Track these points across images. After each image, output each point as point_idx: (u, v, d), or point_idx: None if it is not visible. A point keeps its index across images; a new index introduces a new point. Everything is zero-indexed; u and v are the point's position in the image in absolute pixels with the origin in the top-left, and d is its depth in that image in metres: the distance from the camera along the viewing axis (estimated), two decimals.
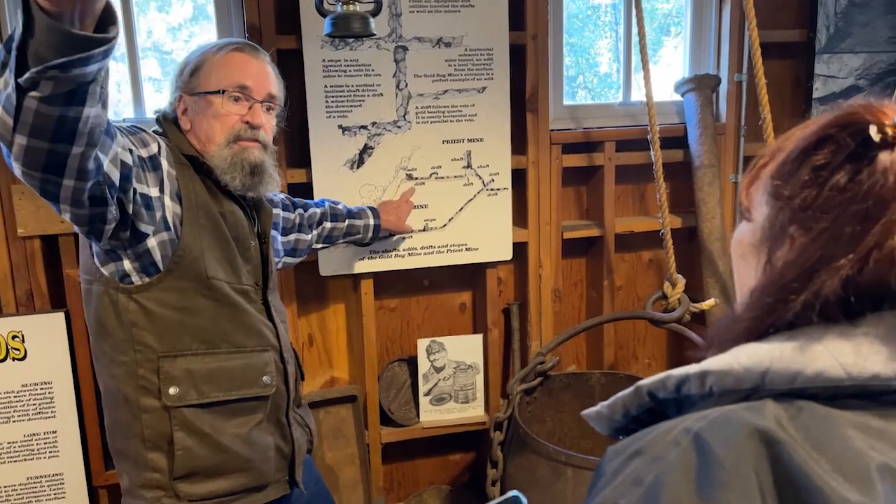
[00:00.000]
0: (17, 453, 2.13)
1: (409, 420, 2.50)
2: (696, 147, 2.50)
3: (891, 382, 0.53)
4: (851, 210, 0.57)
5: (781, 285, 0.60)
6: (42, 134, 1.05)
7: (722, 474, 0.49)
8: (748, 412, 0.54)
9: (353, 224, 2.07)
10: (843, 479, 0.48)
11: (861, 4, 2.59)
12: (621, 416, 0.65)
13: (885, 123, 0.58)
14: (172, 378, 1.42)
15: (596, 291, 2.66)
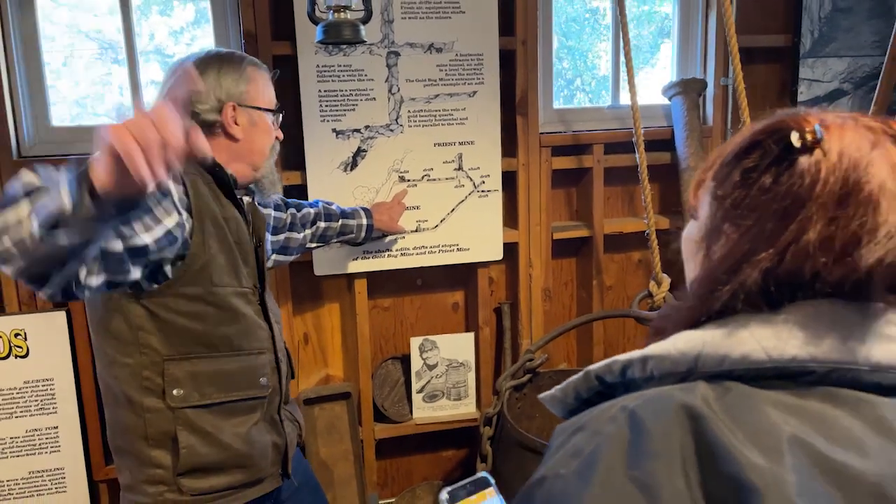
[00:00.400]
0: (20, 448, 2.19)
1: (403, 417, 2.56)
2: (682, 150, 2.55)
3: (807, 364, 0.59)
4: (773, 208, 0.63)
5: (713, 277, 0.66)
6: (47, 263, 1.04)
7: (651, 445, 0.55)
8: (679, 391, 0.59)
9: (347, 224, 2.13)
10: (755, 448, 0.53)
11: (845, 10, 2.64)
12: (573, 399, 0.70)
13: (805, 130, 0.64)
14: (177, 380, 1.47)
15: (586, 291, 2.72)
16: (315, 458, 2.45)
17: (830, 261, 0.60)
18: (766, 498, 0.50)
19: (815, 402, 0.58)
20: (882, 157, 0.62)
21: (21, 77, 2.15)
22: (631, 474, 0.54)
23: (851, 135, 0.64)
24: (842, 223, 0.60)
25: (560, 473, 0.57)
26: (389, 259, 2.39)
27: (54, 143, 2.21)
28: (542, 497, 0.58)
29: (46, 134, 2.21)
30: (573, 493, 0.55)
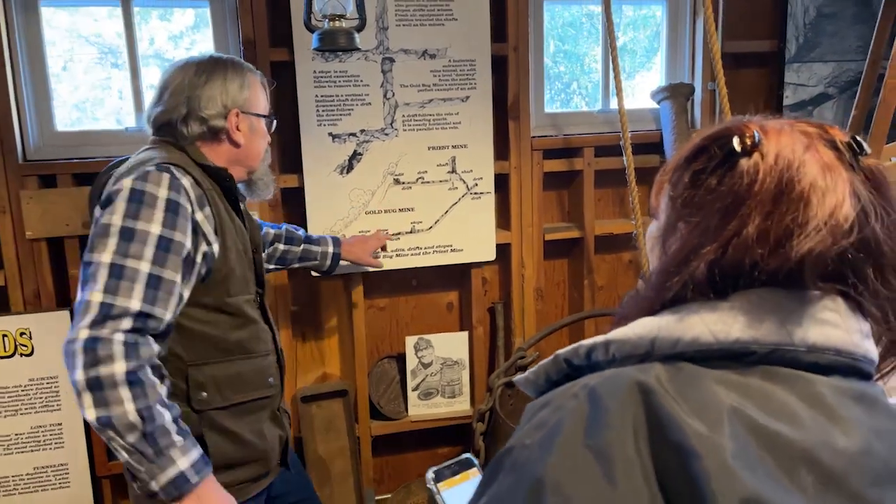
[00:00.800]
0: (25, 444, 2.25)
1: (398, 414, 2.62)
2: (670, 152, 2.62)
3: (749, 345, 0.65)
4: (717, 206, 0.70)
5: (667, 270, 0.72)
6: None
7: (607, 418, 0.61)
8: (635, 371, 0.65)
9: (309, 249, 2.12)
10: (698, 419, 0.59)
11: (829, 15, 2.71)
12: (544, 381, 0.76)
13: (745, 135, 0.70)
14: (201, 384, 1.52)
15: (577, 291, 2.78)
16: (313, 454, 2.51)
17: (766, 252, 0.66)
18: (704, 459, 0.56)
19: (756, 380, 0.64)
20: (813, 158, 0.69)
21: (26, 82, 2.22)
22: (587, 443, 0.60)
23: (787, 139, 0.71)
24: (776, 218, 0.66)
25: (525, 443, 0.63)
26: (385, 260, 2.45)
27: (59, 148, 2.27)
28: (509, 464, 0.64)
29: (51, 138, 2.28)
30: (536, 459, 0.61)
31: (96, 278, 1.33)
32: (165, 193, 1.40)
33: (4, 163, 2.16)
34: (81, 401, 1.30)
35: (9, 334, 2.21)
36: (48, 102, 2.27)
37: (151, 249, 1.36)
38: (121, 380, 1.30)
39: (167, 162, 1.47)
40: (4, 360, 2.21)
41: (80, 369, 1.29)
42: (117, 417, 1.29)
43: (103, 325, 1.30)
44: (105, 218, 1.37)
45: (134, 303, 1.33)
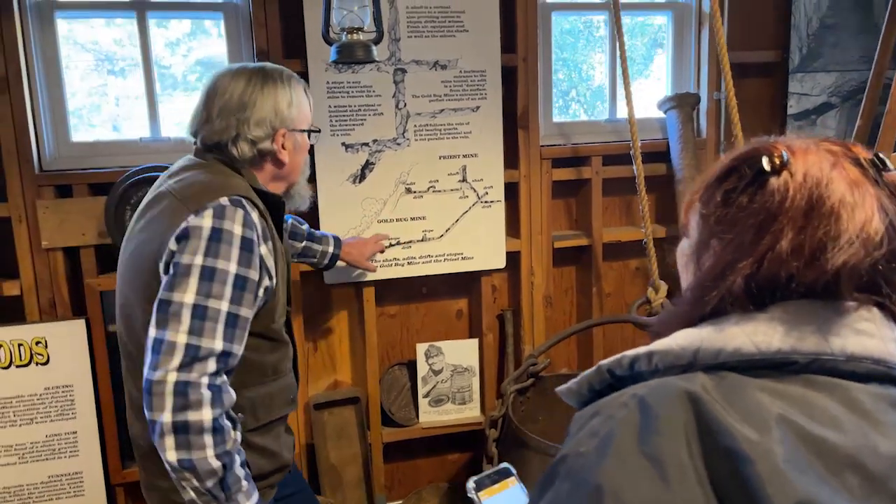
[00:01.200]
0: (40, 453, 2.26)
1: (409, 421, 2.64)
2: (677, 161, 2.65)
3: (789, 355, 0.68)
4: (749, 223, 0.73)
5: (703, 285, 0.76)
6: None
7: (658, 425, 0.64)
8: (681, 380, 0.68)
9: (310, 247, 2.14)
10: (747, 425, 0.62)
11: (832, 26, 2.75)
12: (587, 391, 0.79)
13: (773, 155, 0.74)
14: (240, 407, 1.51)
15: (585, 298, 2.81)
16: (325, 461, 2.53)
17: (802, 265, 0.70)
18: (756, 464, 0.59)
19: (798, 388, 0.67)
20: (840, 176, 0.72)
21: (42, 93, 2.24)
22: (642, 449, 0.62)
23: (814, 157, 0.74)
24: (809, 232, 0.70)
25: (580, 451, 0.66)
26: (397, 268, 2.48)
27: (75, 158, 2.29)
28: (565, 471, 0.66)
29: (67, 149, 2.30)
30: (592, 466, 0.63)
31: (180, 319, 1.34)
32: (241, 231, 1.41)
33: (21, 173, 2.18)
34: (163, 442, 1.32)
35: (24, 343, 2.22)
36: (64, 113, 2.29)
37: (230, 289, 1.39)
38: (207, 427, 1.33)
39: (238, 194, 1.46)
40: (20, 369, 2.22)
41: (168, 412, 1.31)
42: (199, 462, 1.32)
43: (191, 368, 1.33)
44: (185, 258, 1.38)
45: (217, 343, 1.36)
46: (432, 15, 2.38)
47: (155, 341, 1.35)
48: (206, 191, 1.45)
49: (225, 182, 1.49)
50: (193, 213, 1.41)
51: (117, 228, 2.17)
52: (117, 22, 2.40)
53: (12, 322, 2.23)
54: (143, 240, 1.48)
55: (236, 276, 1.40)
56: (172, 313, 1.35)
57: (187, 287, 1.36)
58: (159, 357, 1.33)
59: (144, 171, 2.20)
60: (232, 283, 1.39)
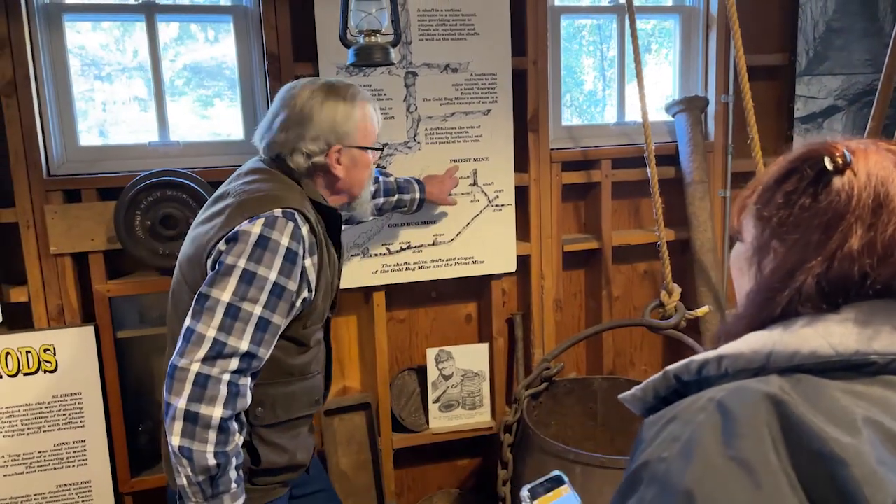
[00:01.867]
0: (48, 462, 2.22)
1: (420, 426, 2.62)
2: (687, 164, 2.65)
3: (869, 356, 0.67)
4: (815, 223, 0.73)
5: (769, 287, 0.75)
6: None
7: (740, 428, 0.63)
8: (758, 383, 0.67)
9: (402, 198, 2.21)
10: (836, 427, 0.61)
11: (838, 30, 2.77)
12: (652, 398, 0.78)
13: (835, 155, 0.74)
14: (259, 401, 1.57)
15: (595, 301, 2.80)
16: (336, 467, 2.51)
17: (875, 262, 0.69)
18: (852, 467, 0.58)
19: (878, 389, 0.66)
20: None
21: (50, 98, 2.21)
22: (728, 453, 0.61)
23: (875, 157, 0.74)
24: (879, 229, 0.70)
25: (662, 457, 0.65)
26: (408, 272, 2.46)
27: (83, 163, 2.26)
28: (648, 478, 0.65)
29: (75, 153, 2.27)
30: (678, 471, 0.62)
31: (213, 314, 1.42)
32: (287, 242, 1.47)
33: (29, 177, 2.14)
34: (172, 425, 1.39)
35: (32, 350, 2.19)
36: (72, 117, 2.26)
37: (266, 295, 1.44)
38: (215, 424, 1.39)
39: (292, 207, 1.51)
40: (28, 377, 2.19)
41: (183, 398, 1.39)
42: (198, 455, 1.39)
43: (214, 362, 1.40)
44: (230, 258, 1.44)
45: (244, 344, 1.42)
46: (443, 18, 2.37)
47: (187, 330, 1.43)
48: (264, 200, 1.52)
49: (283, 194, 1.55)
50: (248, 219, 1.48)
51: (127, 233, 2.14)
52: (104, 26, 2.37)
53: (20, 329, 2.20)
54: (201, 232, 1.55)
55: (274, 284, 1.45)
56: (208, 307, 1.42)
57: (226, 286, 1.43)
58: (188, 346, 1.41)
59: (154, 175, 2.17)
60: (269, 290, 1.45)
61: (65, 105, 2.24)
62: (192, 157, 2.34)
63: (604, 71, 3.04)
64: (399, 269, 2.46)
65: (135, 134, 2.42)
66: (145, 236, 2.16)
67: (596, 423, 2.62)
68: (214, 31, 2.50)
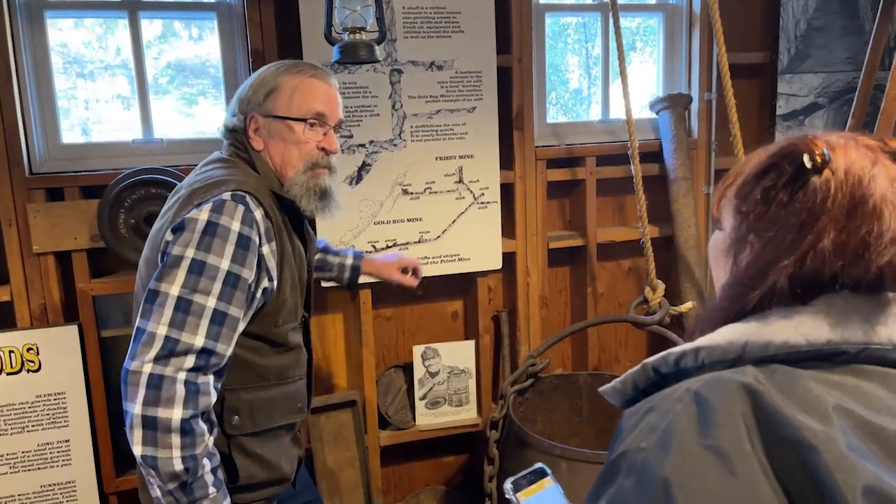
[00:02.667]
0: (31, 462, 2.20)
1: (406, 423, 2.62)
2: (670, 161, 2.67)
3: (840, 346, 0.69)
4: (791, 222, 0.73)
5: (743, 282, 0.76)
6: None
7: (716, 418, 0.64)
8: (733, 373, 0.69)
9: (326, 260, 2.08)
10: (808, 415, 0.63)
11: (819, 28, 2.80)
12: (631, 390, 0.79)
13: (815, 153, 0.74)
14: (235, 409, 1.49)
15: (580, 298, 2.82)
16: (322, 465, 2.50)
17: (846, 263, 0.71)
18: (823, 453, 0.60)
19: (850, 378, 0.68)
20: (882, 173, 0.73)
21: (32, 96, 2.19)
22: (704, 442, 0.63)
23: (854, 154, 0.74)
24: (851, 231, 0.70)
25: (641, 447, 0.66)
26: None
27: (65, 161, 2.25)
28: (627, 467, 0.66)
29: (57, 151, 2.25)
30: (656, 460, 0.64)
31: (163, 310, 1.32)
32: (238, 227, 1.38)
33: (11, 176, 2.13)
34: (132, 434, 1.30)
35: (15, 350, 2.17)
36: (54, 115, 2.24)
37: (219, 285, 1.35)
38: (175, 426, 1.29)
39: (243, 189, 1.43)
40: (11, 377, 2.17)
41: (138, 404, 1.29)
42: (163, 462, 1.29)
43: (167, 361, 1.30)
44: (177, 248, 1.36)
45: (198, 339, 1.33)
46: (428, 16, 2.37)
47: (137, 330, 1.34)
48: (214, 185, 1.43)
49: (234, 178, 1.47)
50: (196, 206, 1.39)
51: (111, 232, 2.13)
52: (86, 23, 2.35)
53: (3, 328, 2.17)
54: (154, 230, 1.49)
55: (227, 273, 1.36)
56: (157, 304, 1.33)
57: (174, 278, 1.33)
58: (138, 346, 1.31)
59: (138, 173, 2.16)
60: (222, 280, 1.36)
61: (47, 103, 2.23)
62: (175, 155, 2.33)
63: (589, 69, 3.06)
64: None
65: (118, 132, 2.40)
66: (129, 235, 2.15)
67: (581, 418, 2.63)
68: (199, 29, 2.48)
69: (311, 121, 1.57)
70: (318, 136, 1.58)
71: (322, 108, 1.58)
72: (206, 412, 1.37)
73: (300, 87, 1.56)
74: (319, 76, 1.60)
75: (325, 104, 1.58)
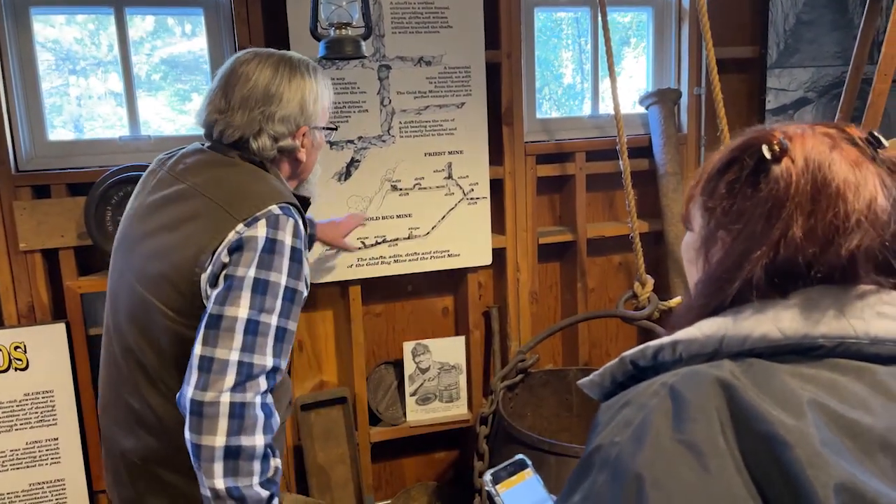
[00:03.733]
0: (20, 460, 2.20)
1: (397, 420, 2.62)
2: (660, 156, 2.67)
3: (816, 340, 0.69)
4: (758, 213, 0.73)
5: (717, 277, 0.76)
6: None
7: (691, 412, 0.64)
8: (710, 368, 0.68)
9: None
10: (782, 410, 0.63)
11: (808, 22, 2.80)
12: (609, 383, 0.79)
13: (772, 143, 0.74)
14: None
15: (570, 293, 2.82)
16: (313, 462, 2.50)
17: (818, 250, 0.71)
18: (795, 448, 0.59)
19: (826, 372, 0.68)
20: (840, 156, 0.73)
21: (18, 93, 2.18)
22: (677, 437, 0.62)
23: (812, 141, 0.75)
24: (818, 216, 0.70)
25: (615, 441, 0.66)
26: (383, 266, 2.46)
27: (52, 158, 2.24)
28: (600, 462, 0.66)
29: (44, 148, 2.24)
30: (629, 455, 0.63)
31: (233, 335, 1.27)
32: (291, 241, 1.35)
33: None
34: (211, 468, 1.24)
35: (3, 348, 2.16)
36: (40, 112, 2.23)
37: (280, 302, 1.32)
38: (259, 453, 1.26)
39: (286, 201, 1.39)
40: None
41: (221, 435, 1.23)
42: (247, 490, 1.25)
43: (245, 387, 1.27)
44: (240, 270, 1.30)
45: (269, 360, 1.30)
46: (416, 11, 2.36)
47: (202, 359, 1.27)
48: (252, 197, 1.37)
49: (267, 187, 1.41)
50: (243, 222, 1.33)
51: (98, 229, 2.12)
52: (78, 20, 2.34)
53: None
54: (175, 242, 1.37)
55: (286, 289, 1.33)
56: (224, 329, 1.27)
57: (241, 301, 1.29)
58: (210, 376, 1.25)
59: (125, 170, 2.15)
60: (282, 296, 1.32)
61: (33, 100, 2.21)
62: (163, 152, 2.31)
63: (582, 64, 3.06)
64: (374, 263, 2.45)
65: (111, 129, 2.39)
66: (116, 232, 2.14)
67: (571, 413, 2.64)
68: (192, 25, 2.47)
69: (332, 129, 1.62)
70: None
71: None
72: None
73: (329, 94, 1.55)
74: (326, 75, 1.57)
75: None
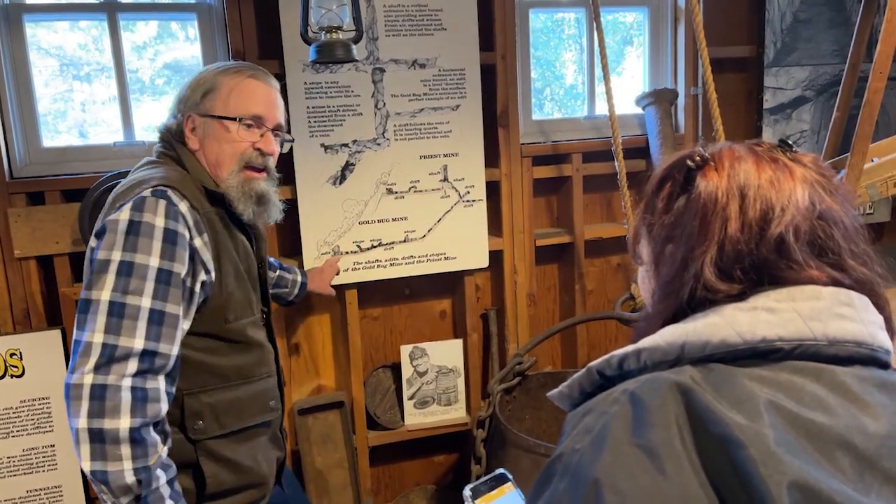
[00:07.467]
0: (17, 467, 2.20)
1: (395, 423, 2.61)
2: (657, 157, 2.66)
3: (774, 343, 0.69)
4: (693, 215, 0.78)
5: (668, 281, 0.79)
6: None
7: (650, 417, 0.65)
8: (670, 373, 0.69)
9: (283, 276, 2.11)
10: (737, 412, 0.64)
11: (805, 21, 2.78)
12: (578, 394, 0.80)
13: (694, 155, 0.81)
14: (197, 413, 1.46)
15: (568, 295, 2.81)
16: (311, 467, 2.50)
17: (754, 244, 0.74)
18: (749, 448, 0.60)
19: (785, 374, 0.69)
20: (759, 159, 0.78)
21: (11, 99, 2.18)
22: (636, 441, 0.63)
23: (729, 151, 0.81)
24: (748, 209, 0.75)
25: (575, 448, 0.66)
26: (379, 269, 2.46)
27: (46, 164, 2.24)
28: (561, 468, 0.67)
29: (38, 155, 2.24)
30: (589, 461, 0.64)
31: (96, 317, 1.28)
32: (163, 222, 1.35)
33: None
34: (79, 450, 1.25)
35: None
36: (34, 118, 2.23)
37: (152, 284, 1.31)
38: (124, 437, 1.25)
39: (164, 184, 1.40)
40: None
41: (83, 418, 1.24)
42: (113, 476, 1.25)
43: (108, 369, 1.26)
44: (101, 253, 1.32)
45: (137, 342, 1.29)
46: (410, 13, 2.36)
47: (74, 343, 1.30)
48: (135, 185, 1.40)
49: (157, 175, 1.44)
50: (116, 209, 1.36)
51: None
52: (81, 25, 2.34)
53: None
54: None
55: (159, 270, 1.33)
56: (90, 313, 1.29)
57: (104, 284, 1.29)
58: (77, 358, 1.27)
59: (119, 175, 2.14)
60: (154, 278, 1.32)
61: (27, 106, 2.22)
62: None
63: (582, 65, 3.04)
64: (370, 267, 2.45)
65: (115, 133, 2.38)
66: None
67: None
68: (195, 30, 2.47)
69: (247, 122, 1.54)
70: (254, 136, 1.55)
71: (259, 110, 1.55)
72: (158, 422, 1.33)
73: (238, 87, 1.54)
74: (258, 77, 1.58)
75: (263, 105, 1.57)
